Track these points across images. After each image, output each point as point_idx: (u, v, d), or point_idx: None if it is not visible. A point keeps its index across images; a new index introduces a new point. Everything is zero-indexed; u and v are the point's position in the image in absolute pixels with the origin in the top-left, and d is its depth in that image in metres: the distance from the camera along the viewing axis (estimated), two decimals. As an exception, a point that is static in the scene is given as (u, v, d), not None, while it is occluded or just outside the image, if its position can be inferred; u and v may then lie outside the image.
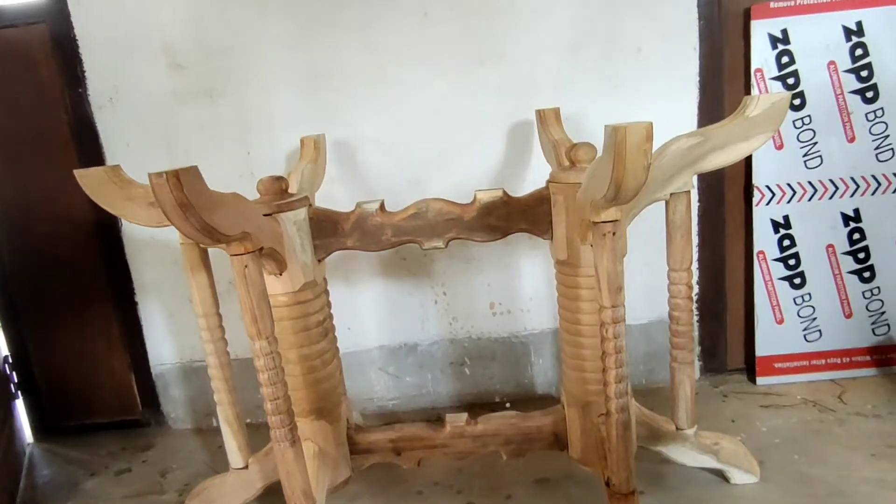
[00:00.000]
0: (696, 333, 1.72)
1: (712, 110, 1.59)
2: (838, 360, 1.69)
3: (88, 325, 1.76)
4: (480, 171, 1.64)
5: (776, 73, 1.56)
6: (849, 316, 1.67)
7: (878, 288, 1.65)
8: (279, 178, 1.18)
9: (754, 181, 1.61)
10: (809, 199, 1.61)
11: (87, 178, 1.19)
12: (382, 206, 1.20)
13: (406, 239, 1.20)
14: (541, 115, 1.45)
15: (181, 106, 1.61)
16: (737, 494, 1.29)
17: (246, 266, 1.02)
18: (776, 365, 1.70)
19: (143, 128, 1.63)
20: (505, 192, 1.18)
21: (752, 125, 1.12)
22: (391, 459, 1.32)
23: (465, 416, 1.31)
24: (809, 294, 1.66)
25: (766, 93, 1.56)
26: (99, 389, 1.82)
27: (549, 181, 1.17)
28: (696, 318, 1.71)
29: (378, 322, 1.74)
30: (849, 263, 1.64)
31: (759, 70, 1.56)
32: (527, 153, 1.62)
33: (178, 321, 1.75)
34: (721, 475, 1.33)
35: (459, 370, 1.77)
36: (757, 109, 1.11)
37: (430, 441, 1.30)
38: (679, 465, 1.32)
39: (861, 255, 1.63)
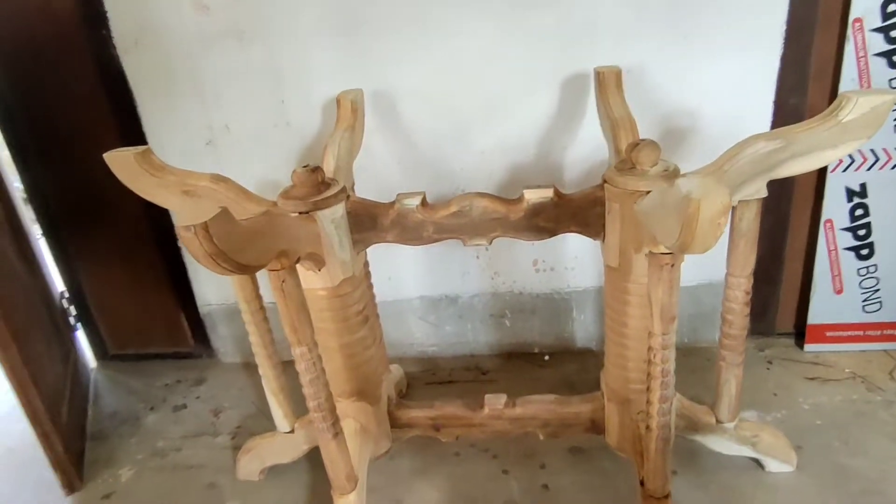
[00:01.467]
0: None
1: (797, 67, 1.40)
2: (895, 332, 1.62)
3: (136, 267, 1.79)
4: (529, 128, 1.51)
5: (879, 24, 1.35)
6: (915, 288, 1.57)
7: (955, 263, 1.53)
8: (315, 170, 1.11)
9: (834, 145, 1.46)
10: (893, 168, 1.46)
11: (118, 164, 1.14)
12: (424, 202, 1.13)
13: (448, 236, 1.14)
14: (600, 77, 1.31)
15: (209, 50, 1.50)
16: (769, 483, 1.30)
17: (283, 281, 1.00)
18: (828, 333, 1.64)
19: (170, 73, 1.53)
20: (556, 191, 1.09)
21: (844, 131, 0.98)
22: (430, 434, 1.36)
23: (504, 398, 1.32)
24: (875, 265, 1.55)
25: (863, 47, 1.36)
26: (151, 324, 1.89)
27: (604, 181, 1.07)
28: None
29: (418, 274, 1.72)
30: (926, 236, 1.52)
31: (858, 20, 1.35)
32: (581, 110, 1.48)
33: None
34: (756, 461, 1.33)
35: (500, 322, 1.77)
36: (853, 114, 0.97)
37: (468, 420, 1.33)
38: (715, 450, 1.33)
39: (942, 229, 1.50)
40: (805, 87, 1.43)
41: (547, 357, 1.78)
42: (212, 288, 1.81)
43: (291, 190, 1.11)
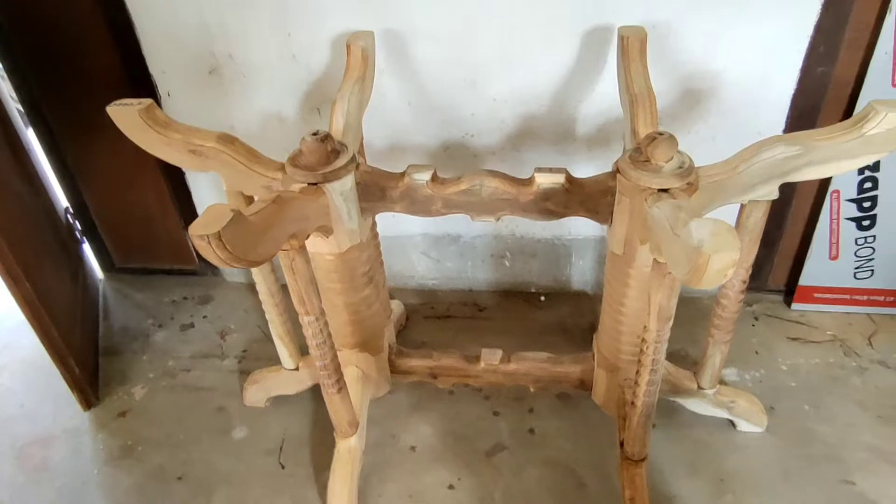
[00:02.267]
0: (743, 256, 1.69)
1: (830, 35, 1.33)
2: (881, 298, 1.67)
3: (139, 186, 1.78)
4: (544, 79, 1.46)
5: (926, -3, 1.27)
6: (909, 261, 1.60)
7: (952, 240, 1.55)
8: (325, 139, 1.09)
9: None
10: (911, 144, 1.43)
11: (122, 119, 1.11)
12: (434, 177, 1.12)
13: (456, 211, 1.14)
14: (623, 41, 1.25)
15: (212, -26, 1.40)
16: (739, 443, 1.41)
17: (293, 259, 1.02)
18: (816, 295, 1.69)
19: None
20: (567, 177, 1.08)
21: (867, 144, 0.96)
22: (427, 381, 1.44)
23: (499, 353, 1.39)
24: (874, 236, 1.57)
25: (905, 19, 1.29)
26: (156, 241, 1.91)
27: (616, 171, 1.06)
28: (747, 242, 1.66)
29: (422, 212, 1.73)
30: (930, 213, 1.52)
31: (905, -9, 1.27)
32: (600, 65, 1.42)
33: (223, 195, 1.76)
34: (730, 421, 1.43)
35: (500, 262, 1.81)
36: (879, 128, 0.95)
37: (464, 372, 1.40)
38: (692, 409, 1.43)
39: (947, 206, 1.51)
40: (835, 56, 1.36)
41: (543, 298, 1.83)
42: (216, 213, 1.82)
43: (300, 157, 1.10)
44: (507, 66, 1.45)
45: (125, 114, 1.10)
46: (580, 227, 1.70)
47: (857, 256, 1.61)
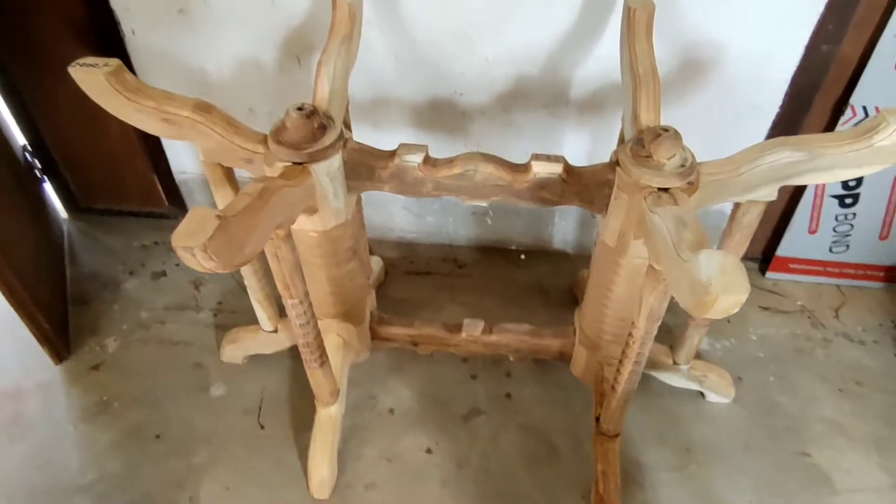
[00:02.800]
0: (723, 225, 1.70)
1: (841, 14, 1.27)
2: (852, 272, 1.71)
3: (101, 124, 1.65)
4: (540, 39, 1.38)
5: (944, -21, 1.21)
6: (884, 238, 1.63)
7: (928, 220, 1.58)
8: (311, 115, 1.02)
9: (852, 100, 1.39)
10: (904, 127, 1.42)
11: (87, 82, 1.01)
12: (426, 159, 1.07)
13: (447, 193, 1.10)
14: (630, 14, 1.17)
15: None
16: (707, 413, 1.47)
17: (278, 248, 0.97)
18: (791, 265, 1.72)
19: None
20: (565, 166, 1.04)
21: (874, 154, 0.94)
22: (408, 347, 1.44)
23: (481, 325, 1.39)
24: (854, 213, 1.59)
25: (920, 1, 1.24)
26: (123, 182, 1.82)
27: (616, 163, 1.02)
28: (731, 207, 1.66)
29: (405, 168, 1.67)
30: (911, 193, 1.54)
31: (925, -29, 1.21)
32: (600, 27, 1.34)
33: (196, 137, 1.66)
34: (699, 391, 1.49)
35: (482, 219, 1.78)
36: (888, 140, 0.92)
37: (445, 341, 1.40)
38: (664, 381, 1.47)
39: (929, 188, 1.52)
40: (842, 34, 1.31)
41: (523, 256, 1.83)
42: (189, 158, 1.73)
43: (283, 133, 1.03)
44: (502, 24, 1.36)
45: (90, 77, 1.00)
46: (566, 190, 1.67)
47: (835, 232, 1.63)
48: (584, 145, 1.56)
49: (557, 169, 1.04)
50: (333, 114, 1.12)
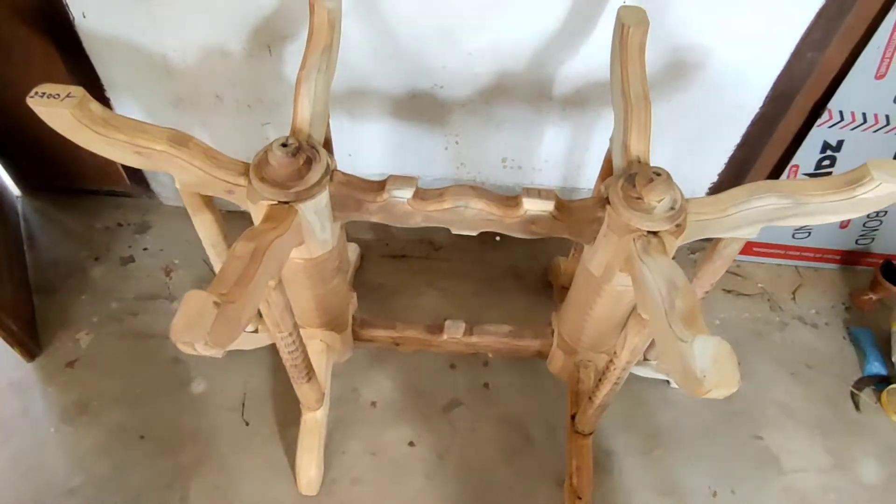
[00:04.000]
0: (695, 211, 1.73)
1: (829, 23, 1.26)
2: (811, 255, 1.79)
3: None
4: (526, 36, 1.32)
5: (933, -3, 1.20)
6: (844, 227, 1.70)
7: (886, 212, 1.64)
8: (297, 153, 0.97)
9: (830, 104, 1.41)
10: (875, 131, 1.45)
11: (52, 118, 0.94)
12: (416, 194, 1.04)
13: (437, 224, 1.09)
14: (622, 31, 1.13)
15: None
16: (671, 399, 1.56)
17: (269, 296, 0.96)
18: (755, 248, 1.79)
19: None
20: (557, 203, 1.03)
21: (857, 205, 0.97)
22: (390, 347, 1.46)
23: (462, 327, 1.41)
24: (820, 205, 1.64)
25: (907, 17, 1.23)
26: (79, 160, 1.70)
27: (605, 199, 1.02)
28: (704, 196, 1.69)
29: (382, 154, 1.63)
30: (874, 189, 1.59)
31: (915, -11, 1.19)
32: (588, 29, 1.30)
33: (158, 120, 1.55)
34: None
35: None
36: (871, 194, 0.95)
37: (426, 342, 1.43)
38: (634, 370, 1.55)
39: (890, 185, 1.57)
40: (828, 42, 1.31)
41: (498, 238, 1.84)
42: (149, 140, 1.63)
43: (267, 169, 0.98)
44: (486, 21, 1.30)
45: (54, 111, 0.93)
46: (543, 177, 1.67)
47: (799, 220, 1.69)
48: (565, 139, 1.54)
49: (549, 206, 1.04)
50: (315, 137, 1.08)
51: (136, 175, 1.74)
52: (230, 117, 1.53)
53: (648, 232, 0.98)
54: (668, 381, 1.57)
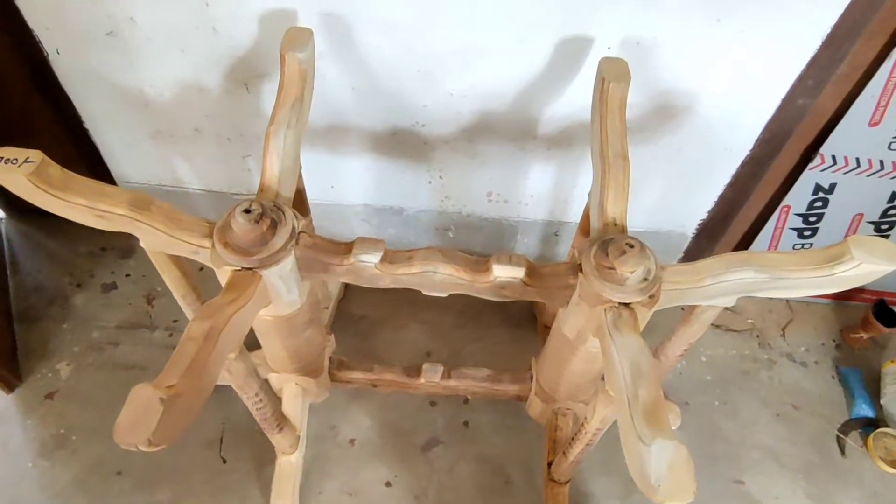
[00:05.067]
0: (685, 245, 1.71)
1: (822, 72, 1.22)
2: (803, 290, 1.75)
3: (35, 141, 1.53)
4: (509, 79, 1.29)
5: (929, 49, 1.16)
6: (837, 264, 1.66)
7: (881, 252, 1.60)
8: (259, 218, 0.95)
9: (823, 148, 1.36)
10: (869, 176, 1.41)
11: (10, 183, 0.92)
12: (384, 257, 1.02)
13: (406, 286, 1.06)
14: (602, 85, 1.09)
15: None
16: (652, 440, 1.54)
17: (230, 367, 0.95)
18: (746, 283, 1.75)
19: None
20: (527, 270, 1.01)
21: (833, 282, 0.94)
22: (368, 388, 1.45)
23: (440, 370, 1.40)
24: (812, 244, 1.60)
25: (902, 68, 1.19)
26: (62, 185, 1.70)
27: (578, 266, 0.99)
28: (692, 234, 1.66)
29: (364, 184, 1.60)
30: (867, 230, 1.55)
31: (911, 42, 1.15)
32: (572, 73, 1.26)
33: (139, 151, 1.55)
34: (647, 419, 1.55)
35: (443, 234, 1.74)
36: (850, 272, 0.92)
37: (404, 385, 1.42)
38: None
39: (885, 227, 1.53)
40: (821, 90, 1.26)
41: (484, 267, 1.81)
42: (131, 168, 1.62)
43: (230, 234, 0.96)
44: (468, 63, 1.26)
45: (11, 177, 0.91)
46: (529, 212, 1.64)
47: (791, 258, 1.65)
48: (551, 176, 1.51)
49: (519, 273, 1.01)
50: (284, 194, 1.06)
51: (119, 200, 1.72)
52: (211, 149, 1.51)
53: (620, 303, 0.96)
54: (650, 423, 1.55)
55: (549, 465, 1.36)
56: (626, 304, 0.96)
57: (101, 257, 1.75)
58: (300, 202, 1.27)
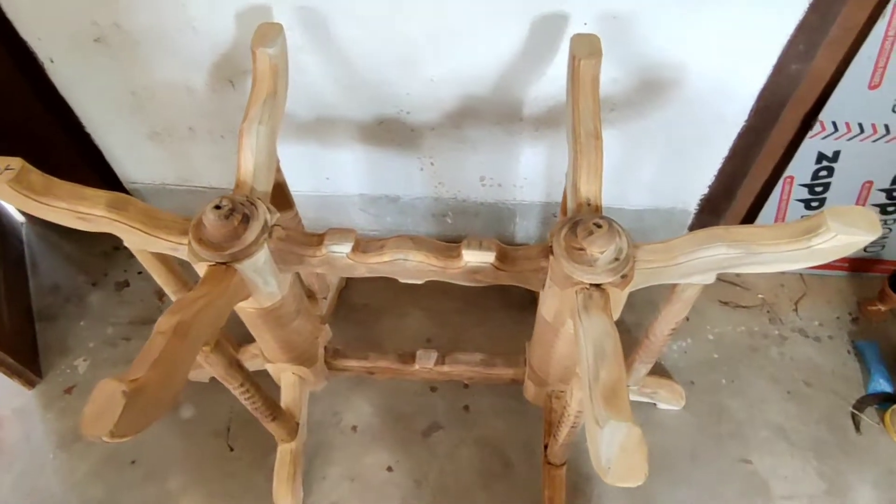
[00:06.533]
0: (689, 221, 1.67)
1: (812, 35, 1.16)
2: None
3: (41, 148, 1.59)
4: (488, 61, 1.27)
5: (925, 5, 1.09)
6: (849, 235, 1.59)
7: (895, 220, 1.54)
8: (230, 214, 0.97)
9: (822, 115, 1.31)
10: (874, 141, 1.35)
11: (-5, 191, 0.96)
12: (356, 246, 1.03)
13: (382, 274, 1.07)
14: (574, 64, 1.07)
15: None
16: (656, 420, 1.52)
17: (207, 356, 0.97)
18: (755, 258, 1.70)
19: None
20: (498, 254, 1.00)
21: (811, 255, 0.91)
22: (364, 376, 1.47)
23: (434, 356, 1.40)
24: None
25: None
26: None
27: (549, 249, 0.98)
28: (694, 210, 1.62)
29: (358, 174, 1.61)
30: (879, 198, 1.49)
31: (903, -2, 1.09)
32: (552, 51, 1.24)
33: (140, 152, 1.59)
34: (650, 400, 1.54)
35: (441, 220, 1.74)
36: (827, 244, 0.88)
37: (399, 371, 1.43)
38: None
39: (896, 194, 1.47)
40: (814, 54, 1.21)
41: (486, 252, 1.80)
42: (136, 169, 1.67)
43: (203, 231, 0.99)
44: (444, 47, 1.25)
45: (-5, 188, 0.95)
46: (525, 194, 1.62)
47: (799, 230, 1.59)
48: (542, 157, 1.49)
49: (489, 258, 1.01)
50: (259, 189, 1.08)
51: (128, 200, 1.78)
52: (206, 147, 1.54)
53: (592, 285, 0.95)
54: (654, 404, 1.53)
55: (546, 447, 1.36)
56: (598, 286, 0.95)
57: (114, 256, 1.82)
58: (281, 196, 1.29)
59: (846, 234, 0.86)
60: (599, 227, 0.94)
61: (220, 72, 1.34)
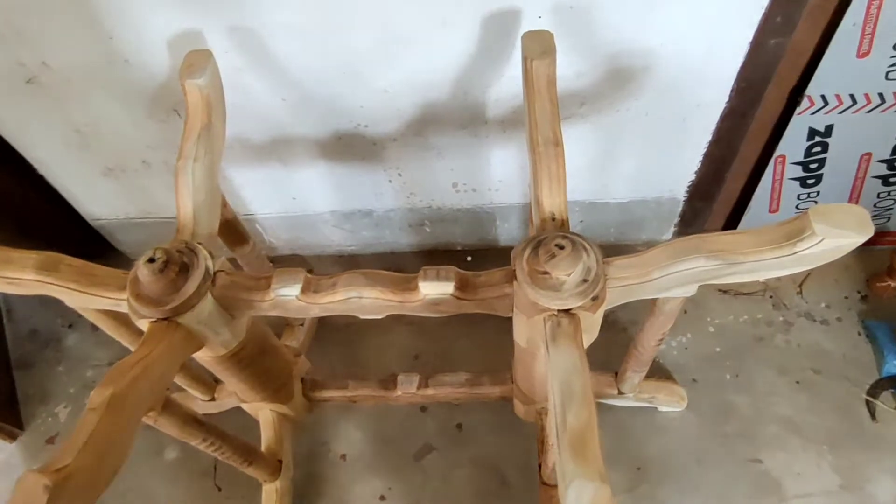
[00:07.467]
0: (679, 209, 1.58)
1: (790, 6, 1.06)
2: (819, 241, 1.59)
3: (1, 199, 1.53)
4: (442, 65, 1.18)
5: (910, -37, 0.98)
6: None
7: (899, 191, 1.43)
8: (164, 267, 0.90)
9: (809, 90, 1.21)
10: (869, 111, 1.24)
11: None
12: (305, 287, 0.95)
13: (340, 313, 1.00)
14: (526, 65, 0.98)
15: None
16: (659, 424, 1.45)
17: (156, 420, 0.91)
18: (753, 241, 1.61)
19: (-64, 4, 1.08)
20: (457, 283, 0.92)
21: (797, 261, 0.82)
22: (346, 404, 1.41)
23: (416, 380, 1.34)
24: (818, 192, 1.44)
25: None
26: (38, 226, 1.71)
27: (512, 274, 0.91)
28: (684, 198, 1.53)
29: (326, 194, 1.53)
30: (879, 169, 1.38)
31: (886, -42, 0.98)
32: (507, 50, 1.15)
33: (96, 189, 1.53)
34: (651, 403, 1.46)
35: (419, 229, 1.66)
36: (813, 249, 0.80)
37: (382, 398, 1.36)
38: (615, 399, 1.43)
39: (898, 164, 1.36)
40: (793, 26, 1.10)
41: (469, 258, 1.73)
42: (96, 206, 1.60)
43: (140, 286, 0.92)
44: (393, 56, 1.17)
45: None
46: (502, 197, 1.53)
47: (797, 209, 1.50)
48: (514, 158, 1.41)
49: (448, 289, 0.92)
50: (202, 231, 1.01)
51: (96, 239, 1.72)
52: (164, 178, 1.47)
53: (560, 311, 0.87)
54: (655, 408, 1.45)
55: (540, 467, 1.29)
56: (568, 311, 0.87)
57: (89, 294, 1.76)
58: (233, 231, 1.22)
59: (835, 236, 0.78)
60: (562, 248, 0.85)
61: (162, 102, 1.27)
